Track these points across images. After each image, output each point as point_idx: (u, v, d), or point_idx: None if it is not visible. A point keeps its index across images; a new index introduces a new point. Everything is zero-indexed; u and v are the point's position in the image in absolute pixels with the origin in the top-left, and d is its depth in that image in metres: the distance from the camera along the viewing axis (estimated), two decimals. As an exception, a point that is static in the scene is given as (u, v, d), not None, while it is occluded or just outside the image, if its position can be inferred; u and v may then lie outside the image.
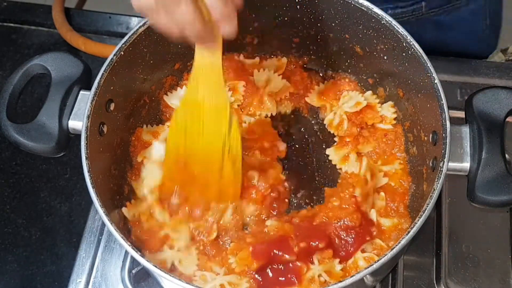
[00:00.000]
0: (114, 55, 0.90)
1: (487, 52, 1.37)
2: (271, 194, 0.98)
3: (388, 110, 1.03)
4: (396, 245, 0.77)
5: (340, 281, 0.75)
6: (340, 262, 0.90)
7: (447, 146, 0.81)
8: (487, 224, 1.03)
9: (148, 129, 1.03)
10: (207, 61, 0.82)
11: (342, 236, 0.91)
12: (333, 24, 1.00)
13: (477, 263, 1.00)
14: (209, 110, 0.87)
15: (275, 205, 0.98)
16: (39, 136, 0.87)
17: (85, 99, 0.88)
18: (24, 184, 1.16)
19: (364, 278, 0.77)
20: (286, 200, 1.01)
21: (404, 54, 0.91)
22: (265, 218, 0.96)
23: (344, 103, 1.04)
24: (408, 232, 0.77)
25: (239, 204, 0.96)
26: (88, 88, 0.88)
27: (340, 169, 1.03)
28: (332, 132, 1.06)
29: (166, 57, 1.02)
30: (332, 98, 1.07)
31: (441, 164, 0.80)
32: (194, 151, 0.91)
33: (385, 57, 0.97)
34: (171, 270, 0.92)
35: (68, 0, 1.36)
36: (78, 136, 0.86)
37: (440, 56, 1.18)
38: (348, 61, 1.06)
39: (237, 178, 0.93)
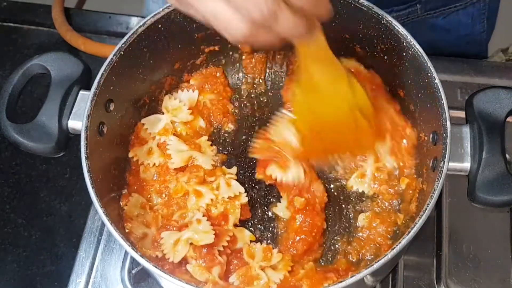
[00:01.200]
0: (114, 55, 0.90)
1: (482, 53, 1.37)
2: None
3: None
4: (396, 245, 0.76)
5: (340, 281, 0.75)
6: None
7: (448, 146, 0.81)
8: (487, 224, 1.03)
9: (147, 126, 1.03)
10: (312, 46, 0.80)
11: None
12: (333, 24, 0.99)
13: (477, 263, 1.00)
14: (327, 87, 0.87)
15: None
16: (39, 136, 0.87)
17: (85, 99, 0.88)
18: (24, 184, 1.16)
19: (364, 278, 0.77)
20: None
21: (404, 54, 0.91)
22: None
23: None
24: (408, 232, 0.77)
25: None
26: (88, 88, 0.88)
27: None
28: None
29: (166, 57, 1.02)
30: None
31: (441, 164, 0.80)
32: (323, 123, 0.91)
33: (385, 57, 0.97)
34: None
35: (68, 0, 1.36)
36: (78, 136, 0.86)
37: (440, 56, 1.18)
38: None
39: (371, 129, 0.93)
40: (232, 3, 0.64)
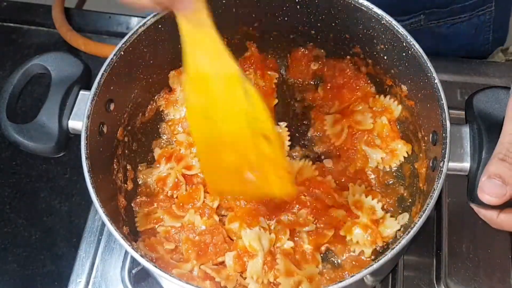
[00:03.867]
0: (114, 55, 0.90)
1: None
2: None
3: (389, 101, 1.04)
4: (396, 245, 0.77)
5: (340, 281, 0.75)
6: None
7: (447, 146, 0.81)
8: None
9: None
10: (197, 29, 0.71)
11: None
12: (333, 24, 1.00)
13: (477, 263, 1.00)
14: (217, 84, 0.75)
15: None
16: (39, 136, 0.87)
17: (85, 99, 0.88)
18: (24, 184, 1.16)
19: (364, 278, 0.77)
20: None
21: (404, 54, 0.91)
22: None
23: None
24: (408, 232, 0.77)
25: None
26: (88, 88, 0.88)
27: None
28: None
29: (166, 57, 1.02)
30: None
31: (441, 164, 0.80)
32: (219, 135, 0.79)
33: (385, 57, 0.97)
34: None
35: (68, 0, 1.36)
36: (78, 136, 0.86)
37: (440, 56, 1.18)
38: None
39: (280, 159, 0.78)
40: None
